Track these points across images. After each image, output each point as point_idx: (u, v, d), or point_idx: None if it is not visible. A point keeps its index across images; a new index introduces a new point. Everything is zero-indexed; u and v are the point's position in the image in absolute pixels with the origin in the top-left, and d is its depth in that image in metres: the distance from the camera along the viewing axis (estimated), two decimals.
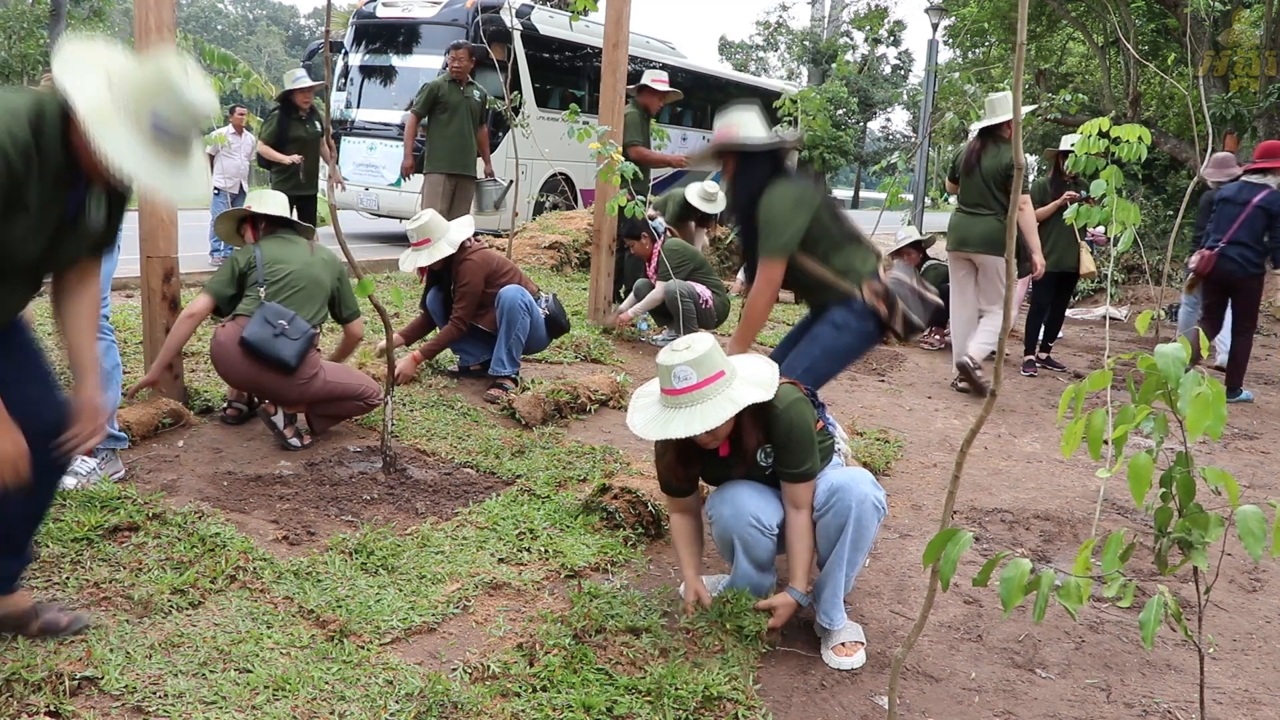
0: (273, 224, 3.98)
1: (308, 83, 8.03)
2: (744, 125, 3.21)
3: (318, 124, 8.00)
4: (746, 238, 3.23)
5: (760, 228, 3.03)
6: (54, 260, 2.11)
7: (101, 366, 2.31)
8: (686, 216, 7.56)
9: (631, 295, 6.36)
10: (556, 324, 4.95)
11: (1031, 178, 6.55)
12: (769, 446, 2.58)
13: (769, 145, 3.19)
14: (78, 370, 2.21)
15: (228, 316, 3.78)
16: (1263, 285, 6.23)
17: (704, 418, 2.38)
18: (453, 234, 4.61)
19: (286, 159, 8.01)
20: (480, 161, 7.93)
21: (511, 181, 7.79)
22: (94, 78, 1.88)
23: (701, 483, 2.81)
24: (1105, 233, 3.74)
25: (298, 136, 8.01)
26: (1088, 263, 6.88)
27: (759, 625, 2.55)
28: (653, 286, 6.03)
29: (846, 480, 2.56)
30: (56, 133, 1.91)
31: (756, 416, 2.52)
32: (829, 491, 2.55)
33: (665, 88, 7.00)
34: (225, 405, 3.94)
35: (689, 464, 2.65)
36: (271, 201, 4.02)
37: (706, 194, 7.41)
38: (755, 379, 2.49)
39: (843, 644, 2.62)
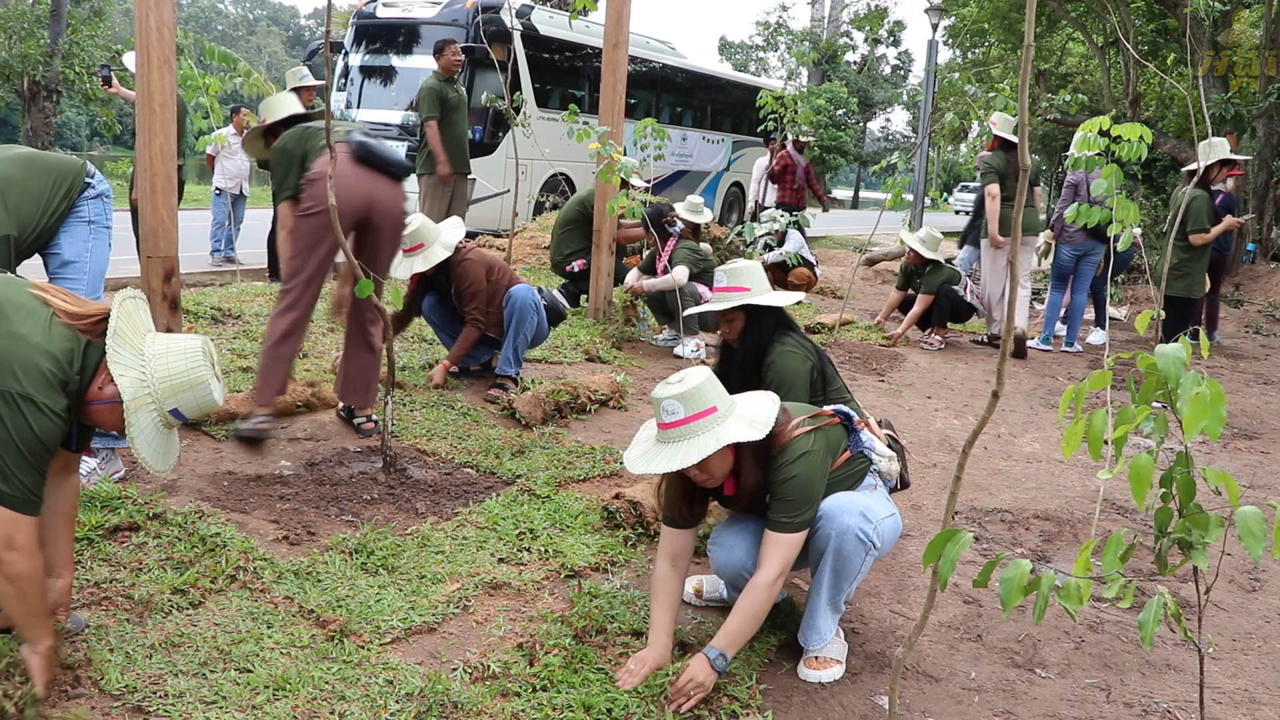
0: (293, 124, 3.92)
1: (312, 81, 8.04)
2: (755, 283, 3.22)
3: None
4: (744, 382, 3.23)
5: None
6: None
7: None
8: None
9: (633, 274, 6.41)
10: (556, 312, 4.99)
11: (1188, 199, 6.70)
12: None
13: (776, 304, 3.20)
14: (56, 560, 2.21)
15: (317, 154, 3.70)
16: None
17: (685, 454, 2.29)
18: (446, 237, 4.57)
19: None
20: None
21: (507, 190, 7.81)
22: (133, 359, 2.03)
23: None
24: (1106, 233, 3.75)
25: None
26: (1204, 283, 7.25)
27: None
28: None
29: (833, 508, 2.45)
30: (87, 380, 2.02)
31: (759, 459, 2.43)
32: (817, 516, 2.47)
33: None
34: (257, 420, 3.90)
35: (692, 501, 2.55)
36: (285, 105, 3.95)
37: (693, 206, 7.51)
38: (750, 417, 2.37)
39: (817, 658, 2.55)
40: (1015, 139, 6.99)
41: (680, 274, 5.89)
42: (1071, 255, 7.39)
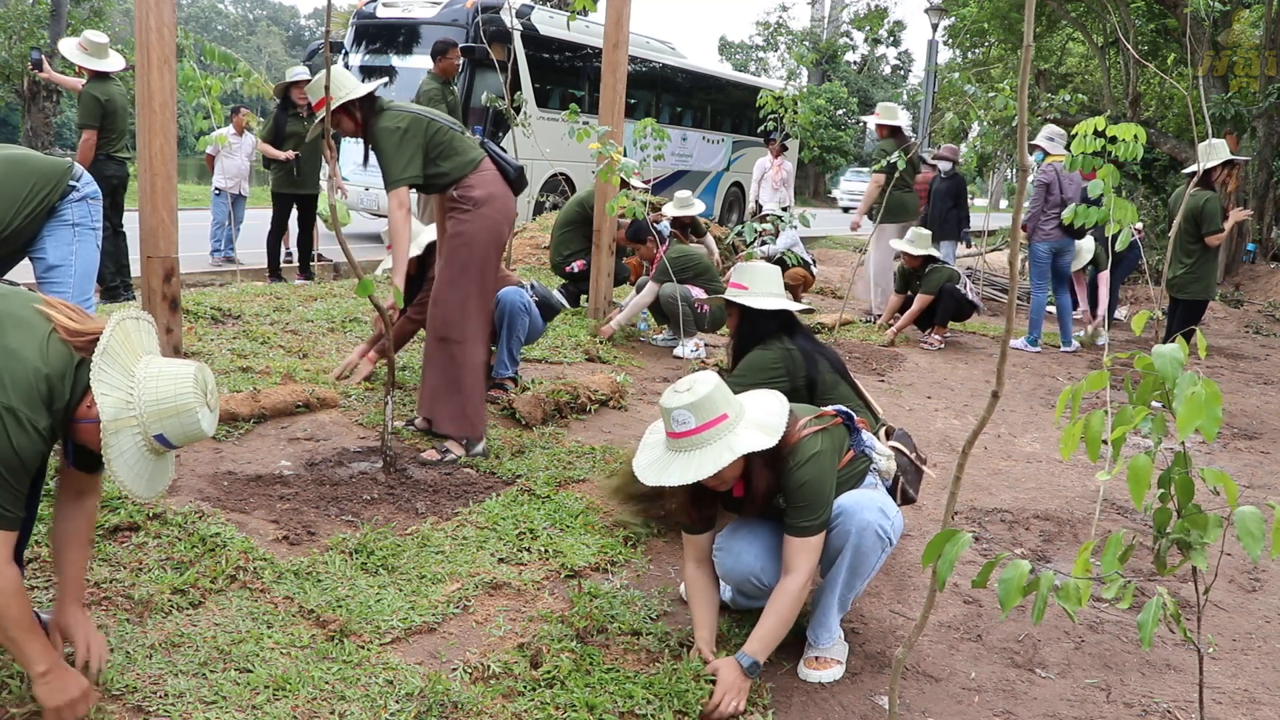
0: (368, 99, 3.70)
1: (306, 76, 8.03)
2: (756, 283, 3.18)
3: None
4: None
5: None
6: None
7: None
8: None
9: (633, 291, 6.40)
10: (549, 307, 4.97)
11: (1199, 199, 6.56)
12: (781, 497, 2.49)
13: (775, 309, 3.15)
14: (61, 586, 2.17)
15: (466, 166, 3.71)
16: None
17: (699, 465, 2.29)
18: (422, 237, 4.58)
19: (284, 155, 8.01)
20: None
21: None
22: (121, 379, 1.96)
23: None
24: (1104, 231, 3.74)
25: (294, 132, 8.01)
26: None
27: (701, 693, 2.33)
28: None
29: (852, 504, 2.47)
30: (77, 398, 1.97)
31: (770, 461, 2.42)
32: (835, 513, 2.48)
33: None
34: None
35: (701, 505, 2.56)
36: (353, 81, 3.69)
37: (681, 200, 7.60)
38: (761, 422, 2.37)
39: (817, 658, 2.56)
40: (900, 124, 7.93)
41: (648, 292, 5.97)
42: (1048, 251, 7.50)
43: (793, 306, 3.21)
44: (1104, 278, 7.94)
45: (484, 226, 3.73)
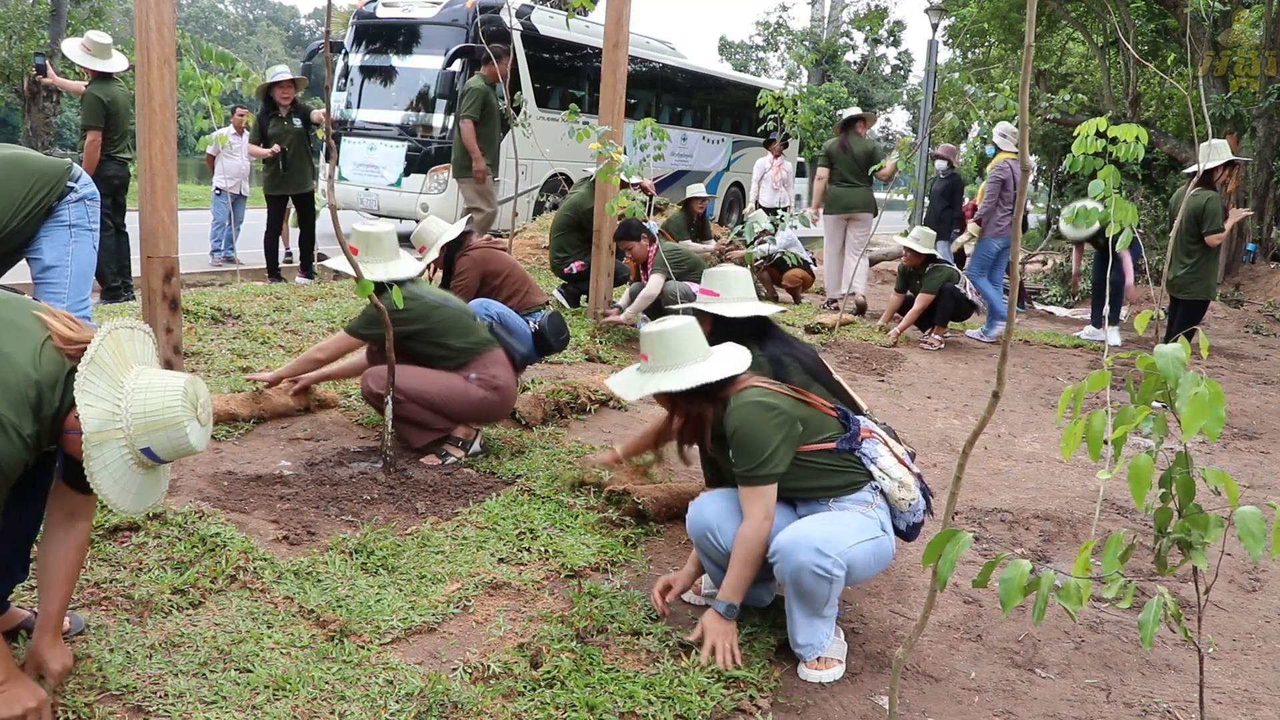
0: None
1: (286, 76, 8.00)
2: (728, 289, 3.16)
3: (297, 121, 8.00)
4: None
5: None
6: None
7: None
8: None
9: (626, 295, 6.38)
10: (544, 341, 4.91)
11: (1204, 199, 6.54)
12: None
13: (747, 315, 3.12)
14: (40, 618, 2.13)
15: (477, 345, 3.85)
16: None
17: (642, 385, 2.61)
18: (444, 238, 4.68)
19: (266, 151, 7.98)
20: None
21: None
22: (109, 390, 1.91)
23: None
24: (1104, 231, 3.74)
25: (274, 134, 7.98)
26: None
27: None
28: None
29: (788, 545, 2.44)
30: (66, 408, 1.92)
31: (709, 398, 2.59)
32: (774, 550, 2.48)
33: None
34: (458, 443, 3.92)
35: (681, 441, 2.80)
36: (382, 252, 3.80)
37: (694, 189, 8.12)
38: (691, 370, 2.57)
39: (819, 659, 2.55)
40: (849, 115, 8.34)
41: (654, 284, 5.96)
42: (1002, 246, 7.73)
43: (765, 310, 3.16)
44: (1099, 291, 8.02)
45: (490, 406, 3.83)
